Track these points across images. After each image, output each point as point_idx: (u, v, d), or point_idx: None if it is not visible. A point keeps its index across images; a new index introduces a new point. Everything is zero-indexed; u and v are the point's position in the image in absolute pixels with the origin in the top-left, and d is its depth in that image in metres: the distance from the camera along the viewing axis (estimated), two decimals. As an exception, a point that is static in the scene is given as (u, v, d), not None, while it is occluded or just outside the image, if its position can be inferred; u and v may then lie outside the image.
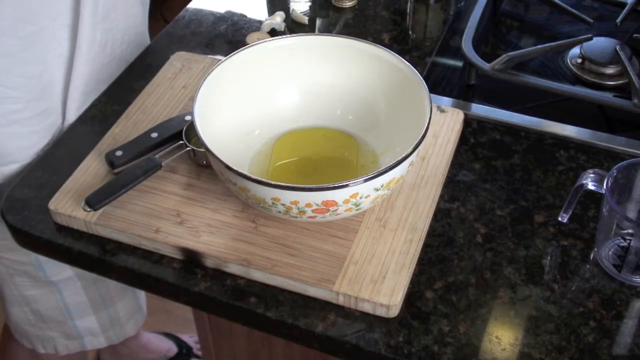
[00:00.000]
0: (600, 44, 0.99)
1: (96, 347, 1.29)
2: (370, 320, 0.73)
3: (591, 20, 1.04)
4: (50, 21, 0.91)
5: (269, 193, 0.70)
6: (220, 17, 1.11)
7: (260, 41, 0.85)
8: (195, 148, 0.83)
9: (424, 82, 0.78)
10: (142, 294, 1.35)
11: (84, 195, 0.80)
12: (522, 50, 0.96)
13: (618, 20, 1.04)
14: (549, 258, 0.78)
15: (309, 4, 1.11)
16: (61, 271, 1.12)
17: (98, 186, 0.81)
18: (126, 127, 0.90)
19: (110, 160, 0.84)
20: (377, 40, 1.04)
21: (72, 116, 0.98)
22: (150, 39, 1.11)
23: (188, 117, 0.87)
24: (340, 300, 0.74)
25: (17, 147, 0.95)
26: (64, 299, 1.17)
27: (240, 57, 0.83)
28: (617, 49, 0.96)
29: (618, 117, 0.95)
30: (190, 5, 1.13)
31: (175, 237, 0.78)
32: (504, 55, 0.94)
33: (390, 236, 0.77)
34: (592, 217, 0.81)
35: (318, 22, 1.09)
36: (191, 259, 0.77)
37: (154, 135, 0.86)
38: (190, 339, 1.69)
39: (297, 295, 0.75)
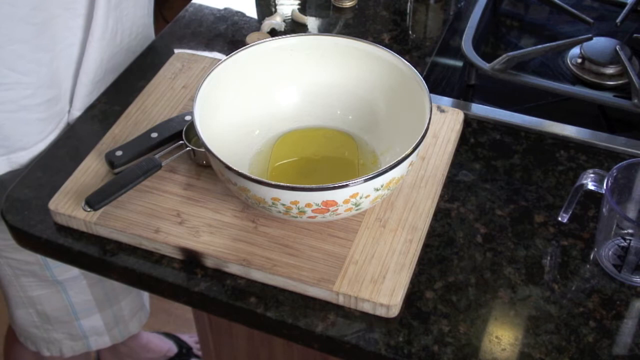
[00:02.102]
0: (600, 44, 0.99)
1: (101, 347, 1.29)
2: (370, 320, 0.73)
3: (591, 20, 1.04)
4: (64, 10, 0.92)
5: (269, 193, 0.70)
6: (220, 17, 1.11)
7: (260, 41, 0.85)
8: (195, 148, 0.83)
9: (424, 82, 0.78)
10: (145, 292, 1.35)
11: (84, 195, 0.80)
12: (522, 50, 0.96)
13: (618, 20, 1.04)
14: (549, 258, 0.78)
15: (297, 6, 1.11)
16: (68, 270, 1.12)
17: (98, 186, 0.81)
18: (126, 127, 0.90)
19: (110, 160, 0.84)
20: (377, 40, 1.04)
21: (79, 103, 0.98)
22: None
23: (188, 117, 0.87)
24: (340, 300, 0.74)
25: (24, 133, 0.95)
26: (70, 299, 1.17)
27: (240, 57, 0.83)
28: (617, 49, 0.96)
29: (618, 117, 0.95)
30: (190, 5, 1.13)
31: (175, 237, 0.78)
32: (504, 55, 0.94)
33: (390, 236, 0.77)
34: (592, 217, 0.81)
35: (318, 22, 1.09)
36: (191, 259, 0.78)
37: (154, 135, 0.86)
38: (190, 339, 1.69)
39: (297, 295, 0.75)
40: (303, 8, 1.11)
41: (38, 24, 0.89)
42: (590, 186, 0.75)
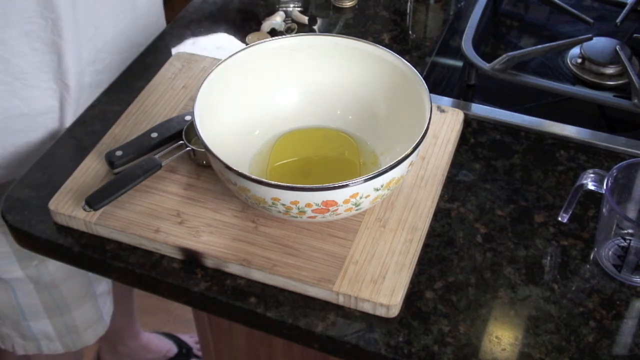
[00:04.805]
0: (600, 44, 0.99)
1: (52, 352, 1.25)
2: (370, 320, 0.73)
3: (591, 20, 1.04)
4: (33, 68, 0.93)
5: (269, 193, 0.70)
6: (220, 17, 1.11)
7: (260, 41, 0.85)
8: (195, 148, 0.83)
9: (424, 82, 0.78)
10: (106, 305, 1.29)
11: (84, 195, 0.80)
12: (522, 50, 0.96)
13: (618, 20, 1.04)
14: (549, 258, 0.78)
15: (300, 7, 1.11)
16: (12, 270, 1.09)
17: (98, 186, 0.81)
18: (126, 127, 0.90)
19: (110, 160, 0.84)
20: (377, 40, 1.04)
21: (69, 120, 0.99)
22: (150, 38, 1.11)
23: (188, 117, 0.87)
24: (340, 300, 0.74)
25: None
26: (17, 299, 1.14)
27: (240, 57, 0.83)
28: (617, 49, 0.96)
29: (618, 117, 0.95)
30: (190, 6, 1.13)
31: (175, 237, 0.78)
32: (504, 55, 0.94)
33: (390, 236, 0.77)
34: (592, 217, 0.81)
35: (318, 22, 1.09)
36: (191, 259, 0.78)
37: (154, 135, 0.86)
38: (191, 339, 1.69)
39: (297, 295, 0.75)
40: (306, 9, 1.11)
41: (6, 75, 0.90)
42: (590, 186, 0.75)
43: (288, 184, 0.69)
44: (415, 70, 0.80)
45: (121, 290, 1.43)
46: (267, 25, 1.06)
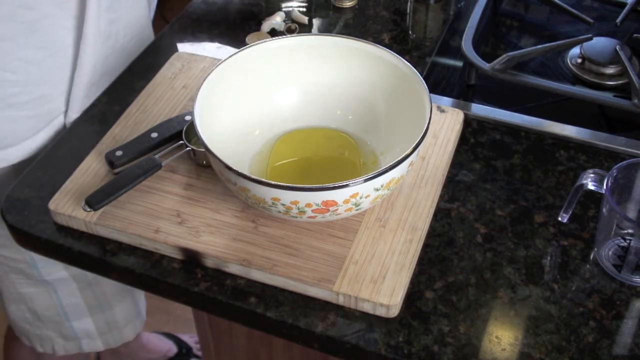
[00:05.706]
0: (600, 44, 0.99)
1: (94, 350, 1.27)
2: (370, 320, 0.73)
3: (591, 20, 1.04)
4: (56, 9, 0.91)
5: (269, 193, 0.70)
6: (220, 17, 1.11)
7: (260, 41, 0.85)
8: (195, 148, 0.83)
9: (424, 82, 0.78)
10: (141, 299, 1.32)
11: (84, 195, 0.80)
12: (522, 50, 0.96)
13: (618, 20, 1.04)
14: (549, 258, 0.78)
15: (304, 8, 1.11)
16: (55, 271, 1.11)
17: (98, 186, 0.81)
18: (126, 127, 0.90)
19: (110, 160, 0.84)
20: (377, 40, 1.04)
21: (76, 106, 0.98)
22: (150, 38, 1.11)
23: (188, 117, 0.87)
24: (340, 300, 0.74)
25: (12, 130, 0.95)
26: (60, 299, 1.16)
27: (240, 57, 0.83)
28: (617, 49, 0.96)
29: (618, 117, 0.95)
30: (190, 6, 1.13)
31: (175, 237, 0.78)
32: (504, 55, 0.94)
33: (390, 236, 0.77)
34: (592, 217, 0.81)
35: (318, 22, 1.09)
36: (191, 259, 0.78)
37: (154, 135, 0.86)
38: (191, 339, 1.69)
39: (297, 295, 0.75)
40: (309, 10, 1.11)
41: (25, 23, 0.89)
42: (590, 186, 0.75)
43: (288, 184, 0.69)
44: (415, 70, 0.80)
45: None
46: (267, 25, 1.07)
